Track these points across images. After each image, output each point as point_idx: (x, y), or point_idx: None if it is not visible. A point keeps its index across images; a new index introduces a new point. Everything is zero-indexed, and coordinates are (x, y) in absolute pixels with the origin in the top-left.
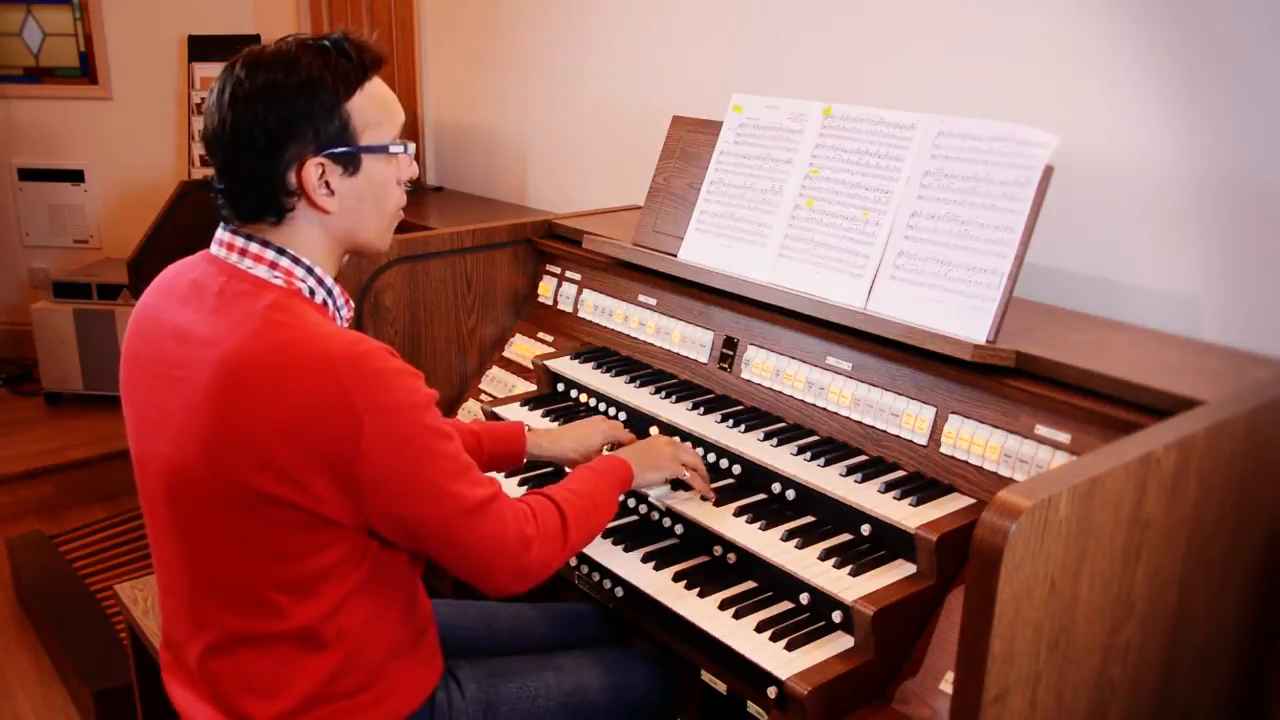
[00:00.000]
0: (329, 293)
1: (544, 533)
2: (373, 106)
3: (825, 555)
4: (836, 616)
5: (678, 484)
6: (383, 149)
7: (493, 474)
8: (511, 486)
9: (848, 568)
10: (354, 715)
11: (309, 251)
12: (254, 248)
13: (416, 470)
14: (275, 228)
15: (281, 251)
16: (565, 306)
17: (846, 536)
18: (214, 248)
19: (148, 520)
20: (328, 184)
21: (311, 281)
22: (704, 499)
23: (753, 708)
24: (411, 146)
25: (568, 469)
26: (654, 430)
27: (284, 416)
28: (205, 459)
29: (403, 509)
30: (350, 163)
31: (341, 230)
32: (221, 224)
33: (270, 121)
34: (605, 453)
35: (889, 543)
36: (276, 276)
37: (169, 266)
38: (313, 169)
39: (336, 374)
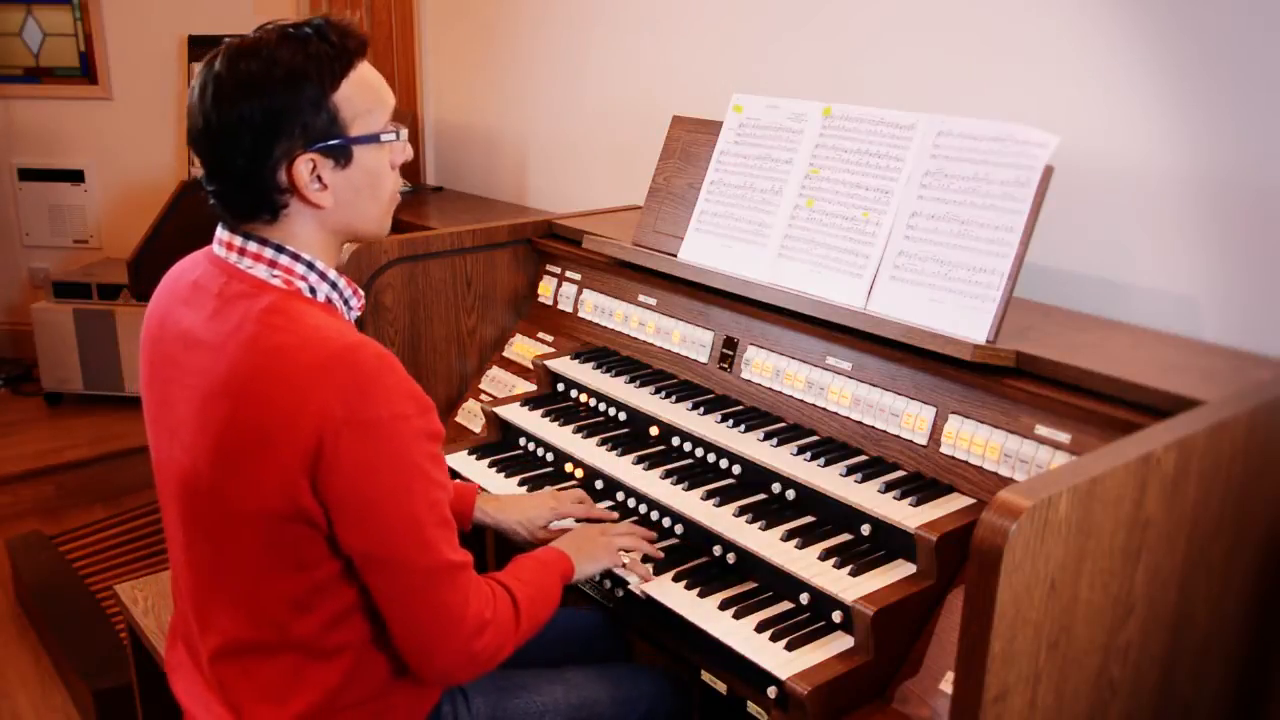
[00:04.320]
0: (333, 286)
1: (499, 619)
2: (361, 95)
3: (825, 555)
4: (836, 616)
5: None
6: (374, 138)
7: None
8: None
9: (848, 568)
10: None
11: (308, 246)
12: (252, 246)
13: (392, 501)
14: (270, 226)
15: (280, 249)
16: (565, 306)
17: (846, 536)
18: (215, 246)
19: (163, 520)
20: (320, 178)
21: (313, 278)
22: (646, 561)
23: (753, 708)
24: (404, 131)
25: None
26: (654, 431)
27: (275, 423)
28: (210, 468)
29: (368, 542)
30: (341, 155)
31: (338, 223)
32: (221, 224)
33: (255, 119)
34: (553, 527)
35: (889, 543)
36: (275, 276)
37: (174, 266)
38: (303, 165)
39: (325, 380)
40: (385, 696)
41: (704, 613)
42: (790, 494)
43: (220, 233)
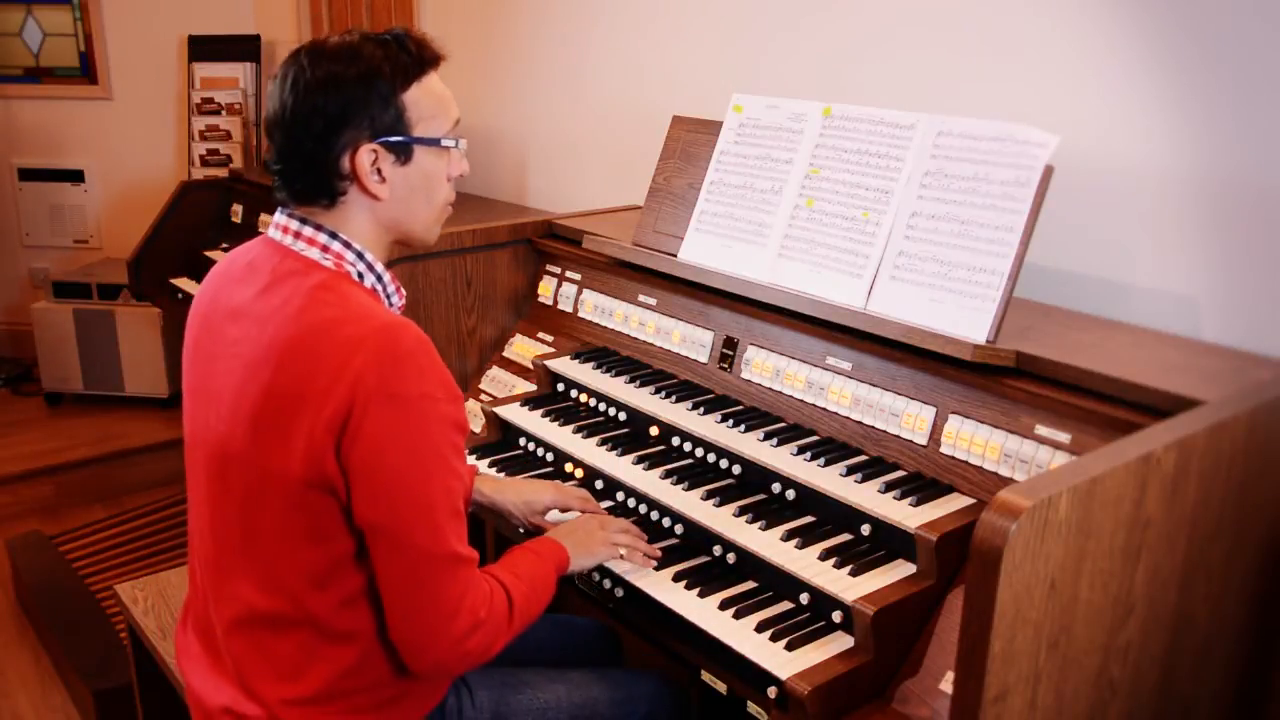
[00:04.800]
0: (379, 279)
1: (493, 618)
2: (428, 100)
3: (825, 555)
4: (836, 616)
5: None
6: (435, 141)
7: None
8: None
9: (848, 568)
10: (367, 715)
11: (360, 237)
12: (307, 231)
13: (409, 479)
14: (328, 211)
15: (334, 236)
16: (565, 306)
17: (846, 536)
18: (270, 230)
19: (189, 491)
20: (379, 171)
21: (361, 266)
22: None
23: (753, 708)
24: (464, 143)
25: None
26: (654, 431)
27: (311, 389)
28: (250, 436)
29: (380, 516)
30: (403, 152)
31: (390, 219)
32: (279, 208)
33: (329, 109)
34: (551, 519)
35: (889, 543)
36: (327, 259)
37: (228, 254)
38: (366, 155)
39: (364, 351)
40: (394, 685)
41: (704, 613)
42: (790, 494)
43: (277, 217)
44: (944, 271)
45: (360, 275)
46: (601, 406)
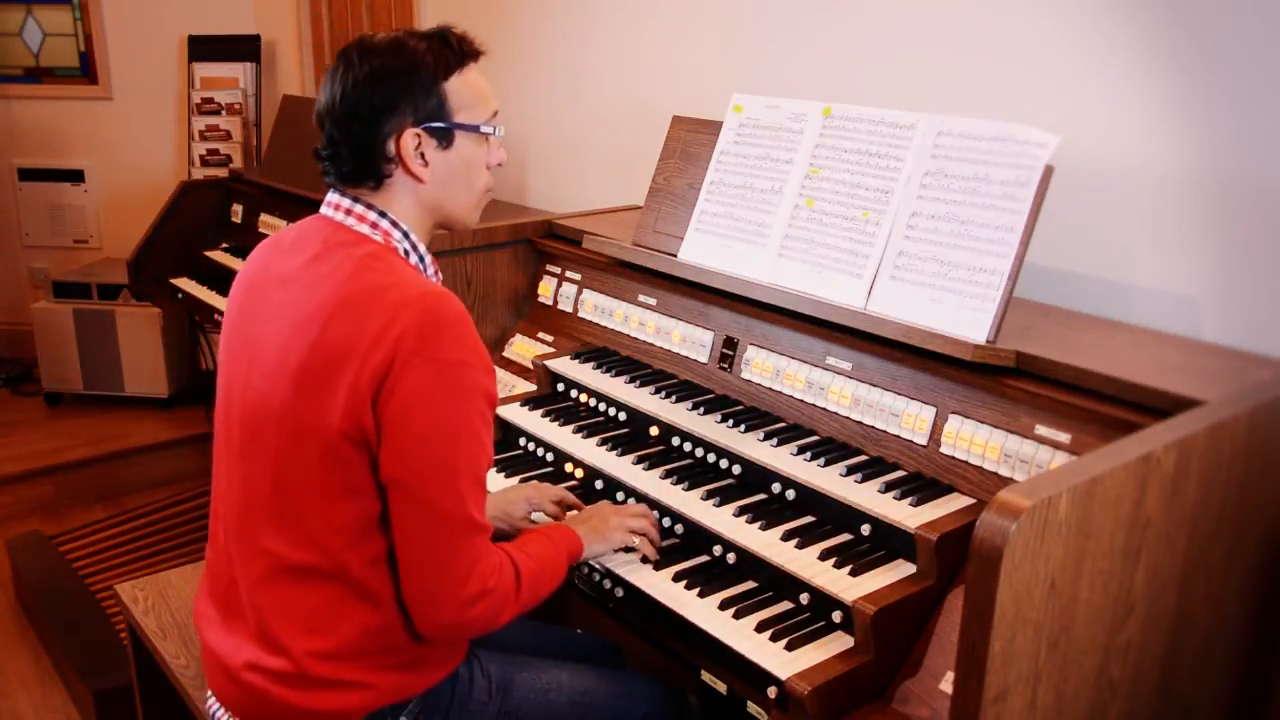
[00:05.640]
0: (421, 258)
1: (500, 589)
2: (468, 90)
3: (825, 555)
4: (836, 616)
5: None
6: (474, 128)
7: None
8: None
9: (847, 568)
10: (388, 674)
11: (405, 217)
12: (359, 208)
13: (438, 442)
14: (374, 193)
15: (383, 214)
16: (565, 306)
17: (846, 536)
18: (324, 209)
19: (216, 455)
20: (423, 155)
21: (407, 244)
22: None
23: (753, 708)
24: (502, 130)
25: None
26: (654, 431)
27: (356, 346)
28: (288, 388)
29: (404, 472)
30: (444, 137)
31: (433, 200)
32: (331, 189)
33: (377, 96)
34: (534, 519)
35: (889, 543)
36: (376, 234)
37: (277, 232)
38: (410, 139)
39: (408, 314)
40: (412, 650)
41: (704, 613)
42: (790, 494)
43: (330, 196)
44: (944, 271)
45: (406, 252)
46: (601, 406)
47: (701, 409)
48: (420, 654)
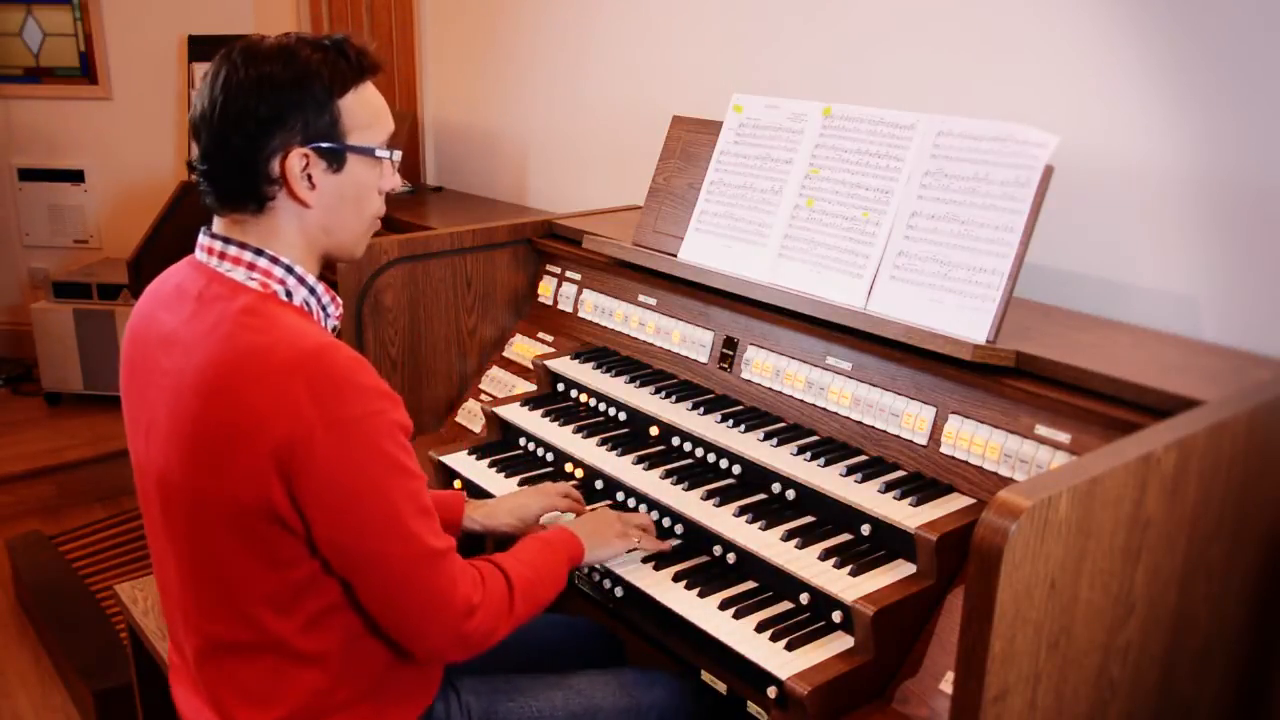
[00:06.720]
0: (311, 291)
1: (490, 601)
2: (364, 109)
3: (825, 555)
4: (836, 616)
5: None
6: (369, 151)
7: None
8: None
9: (848, 568)
10: None
11: (288, 249)
12: (232, 250)
13: (372, 497)
14: (255, 218)
15: (259, 252)
16: (565, 306)
17: (846, 536)
18: (196, 252)
19: (145, 523)
20: (310, 177)
21: (291, 281)
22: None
23: (753, 708)
24: (398, 155)
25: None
26: (654, 431)
27: (247, 421)
28: (186, 467)
29: (349, 538)
30: (335, 159)
31: (319, 227)
32: (203, 229)
33: (261, 108)
34: (545, 521)
35: (889, 543)
36: (253, 279)
37: (163, 271)
38: (296, 160)
39: (297, 380)
40: (376, 698)
41: (704, 613)
42: (790, 494)
43: (201, 238)
44: (944, 271)
45: (289, 293)
46: (601, 406)
47: (701, 409)
48: (385, 698)
